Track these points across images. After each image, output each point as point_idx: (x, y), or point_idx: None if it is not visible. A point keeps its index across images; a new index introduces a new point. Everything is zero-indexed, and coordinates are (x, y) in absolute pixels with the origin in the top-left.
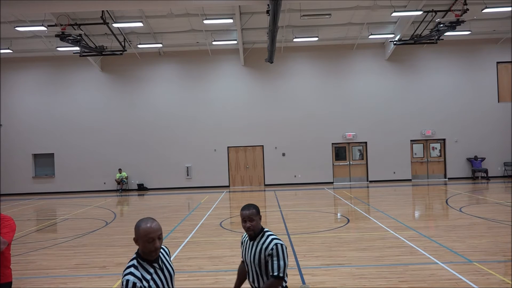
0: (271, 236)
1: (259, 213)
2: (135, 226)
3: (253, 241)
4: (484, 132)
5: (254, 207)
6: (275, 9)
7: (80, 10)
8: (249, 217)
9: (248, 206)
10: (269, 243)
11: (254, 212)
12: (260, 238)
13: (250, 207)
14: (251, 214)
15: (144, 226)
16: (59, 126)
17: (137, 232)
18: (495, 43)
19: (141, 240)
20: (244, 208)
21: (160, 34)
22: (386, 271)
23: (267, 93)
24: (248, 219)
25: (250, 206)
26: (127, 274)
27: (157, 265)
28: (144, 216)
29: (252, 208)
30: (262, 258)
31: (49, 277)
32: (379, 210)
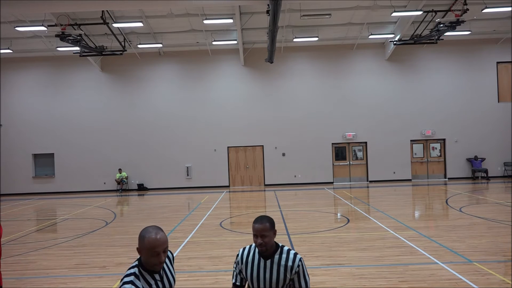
0: (292, 251)
1: (273, 227)
2: (140, 236)
3: (267, 259)
4: (484, 132)
5: (268, 220)
6: (275, 9)
7: (80, 10)
8: (261, 233)
9: (261, 219)
10: (293, 259)
11: (268, 227)
12: (279, 255)
13: (263, 220)
14: (264, 229)
15: (149, 238)
16: (59, 126)
17: (141, 243)
18: (495, 43)
19: (145, 252)
20: (256, 221)
21: (160, 34)
22: (386, 271)
23: (267, 93)
24: (260, 235)
25: (264, 219)
26: (128, 282)
27: (158, 276)
28: (144, 216)
29: (265, 221)
30: (286, 277)
31: (49, 277)
32: (379, 210)
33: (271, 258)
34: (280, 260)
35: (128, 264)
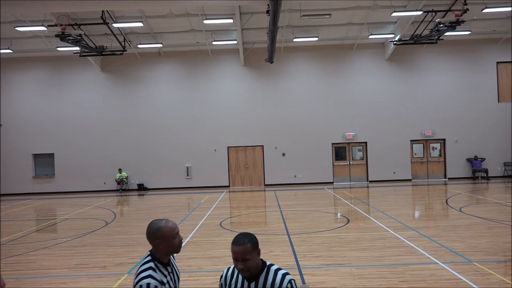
0: (280, 272)
1: (256, 246)
2: (154, 229)
3: (251, 282)
4: (484, 132)
5: (250, 239)
6: (275, 9)
7: (80, 10)
8: (242, 256)
9: (241, 239)
10: (281, 281)
11: (249, 248)
12: (265, 276)
13: (244, 239)
14: (245, 251)
15: (165, 225)
16: (59, 126)
17: (160, 232)
18: (495, 43)
19: (167, 237)
20: (235, 242)
21: (160, 34)
22: (386, 271)
23: (267, 93)
24: (240, 258)
25: (244, 239)
26: (147, 277)
27: (170, 268)
28: (144, 216)
29: (246, 241)
30: None
31: (49, 277)
32: (379, 210)
33: (255, 280)
34: (266, 282)
35: (128, 264)
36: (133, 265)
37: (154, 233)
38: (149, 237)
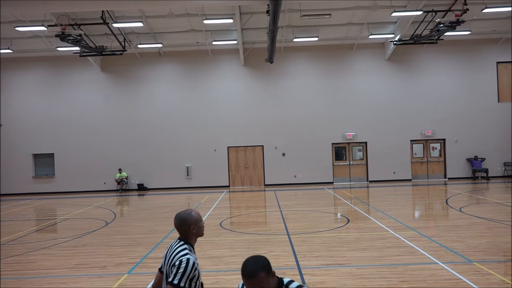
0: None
1: (270, 270)
2: (187, 216)
3: None
4: (484, 132)
5: (262, 266)
6: (275, 9)
7: (80, 10)
8: (257, 286)
9: (252, 268)
10: None
11: (264, 277)
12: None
13: (255, 268)
14: (260, 282)
15: (195, 212)
16: (59, 126)
17: (193, 219)
18: (495, 43)
19: (199, 223)
20: (246, 274)
21: (160, 34)
22: (386, 271)
23: (267, 93)
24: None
25: (256, 267)
26: (187, 254)
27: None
28: (144, 216)
29: (259, 269)
30: None
31: (49, 277)
32: (379, 210)
33: None
34: None
35: (128, 264)
36: (133, 265)
37: (188, 220)
38: (182, 225)
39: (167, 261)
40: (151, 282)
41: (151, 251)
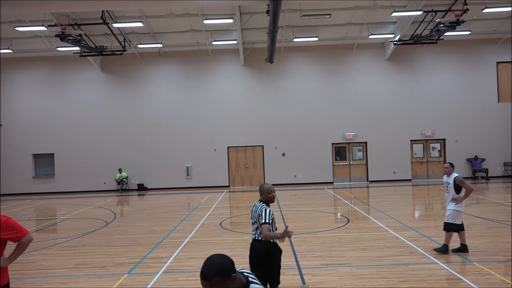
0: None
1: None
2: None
3: None
4: (484, 132)
5: (217, 270)
6: (275, 9)
7: (80, 10)
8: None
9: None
10: None
11: (217, 281)
12: None
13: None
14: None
15: (266, 186)
16: (59, 126)
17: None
18: (495, 43)
19: (268, 194)
20: (200, 272)
21: (160, 34)
22: (386, 271)
23: (267, 93)
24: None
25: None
26: (265, 207)
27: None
28: (144, 216)
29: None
30: None
31: (49, 277)
32: (379, 210)
33: None
34: None
35: (128, 264)
36: (133, 265)
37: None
38: (264, 192)
39: (255, 214)
40: (151, 282)
41: (151, 251)
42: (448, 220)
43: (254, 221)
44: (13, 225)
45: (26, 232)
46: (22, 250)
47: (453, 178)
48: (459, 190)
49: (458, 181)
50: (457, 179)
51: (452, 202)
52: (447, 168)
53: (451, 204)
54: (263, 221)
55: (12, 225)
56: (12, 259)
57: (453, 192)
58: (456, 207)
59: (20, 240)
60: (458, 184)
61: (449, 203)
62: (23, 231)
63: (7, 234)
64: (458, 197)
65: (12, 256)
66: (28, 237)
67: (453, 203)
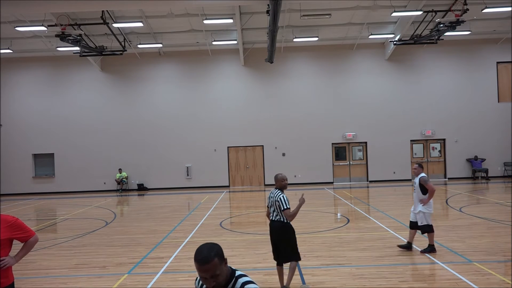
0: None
1: (223, 257)
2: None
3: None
4: (484, 132)
5: (216, 252)
6: (275, 9)
7: (80, 10)
8: (212, 274)
9: (206, 254)
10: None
11: (217, 263)
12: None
13: (209, 254)
14: (214, 267)
15: (280, 175)
16: (59, 126)
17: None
18: (495, 43)
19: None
20: (200, 260)
21: (160, 34)
22: (386, 271)
23: (267, 93)
24: (210, 276)
25: (210, 253)
26: (282, 193)
27: None
28: (144, 216)
29: (212, 255)
30: None
31: (49, 277)
32: (379, 210)
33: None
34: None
35: (128, 264)
36: (133, 265)
37: (282, 177)
38: (278, 180)
39: (273, 200)
40: (151, 282)
41: (151, 251)
42: (423, 223)
43: (271, 205)
44: (21, 225)
45: (33, 232)
46: (28, 250)
47: (418, 178)
48: (425, 190)
49: (422, 181)
50: (422, 179)
51: (420, 203)
52: (416, 169)
53: (419, 206)
54: (284, 207)
55: (21, 225)
56: (19, 258)
57: (419, 192)
58: (424, 208)
59: (28, 240)
60: (422, 184)
61: (417, 204)
62: (31, 232)
63: (17, 234)
64: (424, 198)
65: (18, 255)
66: (35, 238)
67: (421, 204)
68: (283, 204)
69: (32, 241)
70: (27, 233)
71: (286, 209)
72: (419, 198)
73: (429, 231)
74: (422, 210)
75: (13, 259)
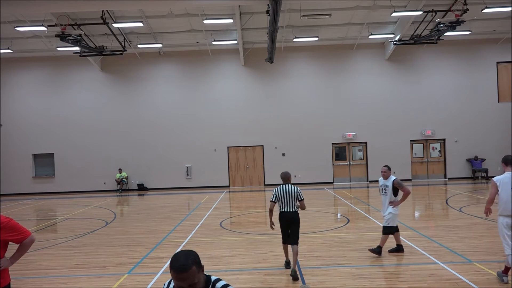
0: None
1: (200, 265)
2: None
3: None
4: (484, 132)
5: (193, 260)
6: (275, 9)
7: (80, 10)
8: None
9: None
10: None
11: (195, 271)
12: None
13: (187, 261)
14: (193, 276)
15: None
16: (59, 126)
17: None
18: (495, 43)
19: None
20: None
21: (160, 34)
22: (386, 271)
23: (267, 93)
24: (187, 285)
25: (186, 260)
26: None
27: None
28: (144, 216)
29: (190, 262)
30: None
31: (49, 277)
32: (379, 210)
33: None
34: None
35: (128, 264)
36: (133, 265)
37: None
38: (290, 178)
39: (289, 194)
40: (151, 282)
41: (151, 251)
42: (389, 224)
43: (285, 198)
44: (15, 226)
45: (28, 233)
46: (24, 251)
47: (391, 181)
48: (396, 193)
49: (397, 184)
50: (396, 182)
51: (390, 206)
52: (385, 172)
53: (389, 208)
54: (302, 198)
55: (14, 226)
56: (14, 260)
57: (391, 195)
58: (394, 210)
59: (23, 241)
60: (396, 187)
61: (387, 206)
62: (26, 233)
63: (10, 235)
64: (395, 200)
65: (14, 257)
66: (30, 239)
67: (391, 206)
68: (301, 195)
69: (28, 242)
70: (21, 235)
71: (303, 199)
72: (390, 200)
73: (392, 232)
74: (392, 211)
75: (8, 261)
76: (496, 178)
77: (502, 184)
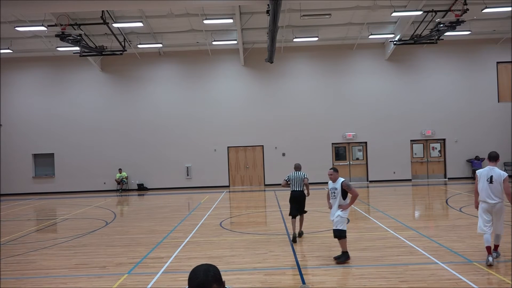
0: None
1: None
2: (299, 165)
3: None
4: (484, 132)
5: (213, 276)
6: (275, 9)
7: (80, 10)
8: None
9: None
10: None
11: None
12: None
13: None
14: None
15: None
16: (59, 126)
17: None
18: (495, 43)
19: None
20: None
21: (160, 34)
22: (386, 271)
23: (267, 93)
24: None
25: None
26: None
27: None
28: (144, 216)
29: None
30: None
31: (49, 277)
32: (379, 210)
33: None
34: None
35: (128, 264)
36: (133, 265)
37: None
38: (300, 167)
39: (299, 177)
40: (151, 282)
41: (151, 251)
42: (338, 227)
43: (294, 180)
44: None
45: None
46: None
47: (340, 183)
48: (345, 195)
49: (345, 186)
50: (344, 184)
51: (339, 209)
52: (332, 175)
53: (338, 211)
54: (306, 177)
55: None
56: None
57: (340, 198)
58: (342, 213)
59: None
60: (345, 189)
61: (336, 209)
62: None
63: None
64: (344, 203)
65: None
66: None
67: (340, 210)
68: (306, 175)
69: None
70: None
71: (306, 178)
72: (339, 203)
73: (343, 237)
74: (340, 214)
75: None
76: (478, 171)
77: (481, 176)
